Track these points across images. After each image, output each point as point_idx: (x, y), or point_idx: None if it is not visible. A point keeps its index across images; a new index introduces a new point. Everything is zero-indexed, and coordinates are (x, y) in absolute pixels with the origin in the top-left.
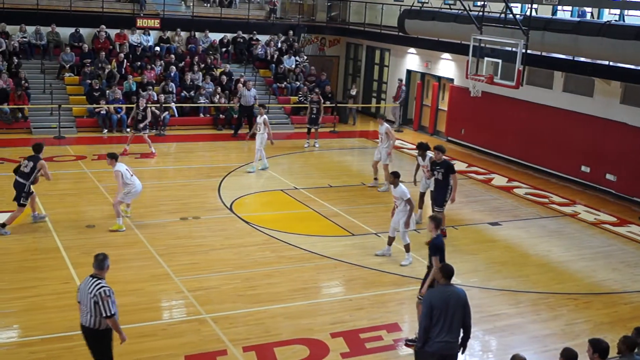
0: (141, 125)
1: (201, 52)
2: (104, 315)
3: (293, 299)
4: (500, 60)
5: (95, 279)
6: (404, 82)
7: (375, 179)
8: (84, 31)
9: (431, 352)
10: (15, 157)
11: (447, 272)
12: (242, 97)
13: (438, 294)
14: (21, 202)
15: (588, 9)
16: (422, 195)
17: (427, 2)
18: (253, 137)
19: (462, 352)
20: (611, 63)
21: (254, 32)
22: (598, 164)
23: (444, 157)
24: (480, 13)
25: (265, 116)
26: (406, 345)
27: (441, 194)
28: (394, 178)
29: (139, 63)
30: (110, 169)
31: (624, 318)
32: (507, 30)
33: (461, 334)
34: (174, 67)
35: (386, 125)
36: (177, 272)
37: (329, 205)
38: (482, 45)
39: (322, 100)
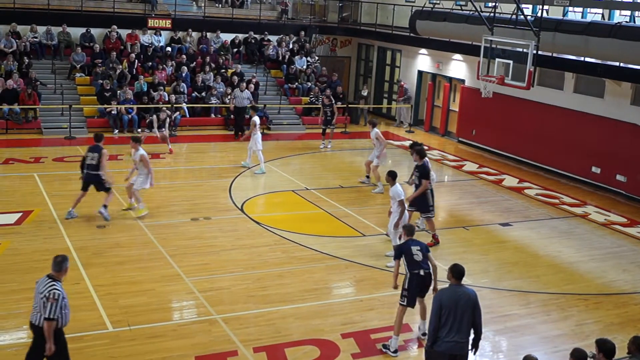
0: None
1: (213, 52)
2: (44, 316)
3: (304, 299)
4: (511, 61)
5: (50, 280)
6: (403, 81)
7: (367, 176)
8: (95, 31)
9: (441, 352)
10: (26, 157)
11: (457, 272)
12: (235, 99)
13: (448, 293)
14: (107, 187)
15: (570, 8)
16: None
17: (439, 3)
18: (248, 138)
19: (474, 353)
20: (622, 64)
21: (266, 32)
22: (608, 164)
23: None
24: (492, 14)
25: (255, 118)
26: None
27: (421, 200)
28: (390, 178)
29: (150, 63)
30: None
31: (634, 319)
32: (518, 31)
33: (472, 335)
34: (185, 68)
35: (376, 130)
36: (188, 272)
37: (340, 206)
38: (493, 46)
39: (334, 101)
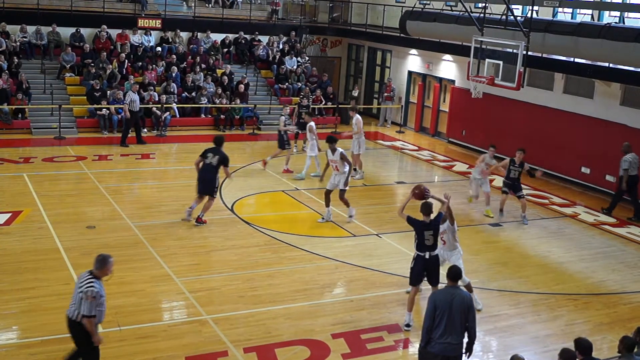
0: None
1: (203, 52)
2: (82, 313)
3: (294, 299)
4: (501, 62)
5: (90, 276)
6: (392, 81)
7: (355, 169)
8: (85, 31)
9: (434, 353)
10: (15, 157)
11: (453, 274)
12: (132, 103)
13: (443, 295)
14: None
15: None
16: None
17: (429, 4)
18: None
19: (468, 357)
20: (611, 65)
21: (256, 32)
22: (598, 165)
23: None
24: (482, 15)
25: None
26: None
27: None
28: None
29: (140, 63)
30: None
31: (623, 318)
32: (508, 31)
33: (466, 338)
34: (176, 68)
35: (357, 116)
36: (178, 273)
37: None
38: (483, 46)
39: (321, 102)
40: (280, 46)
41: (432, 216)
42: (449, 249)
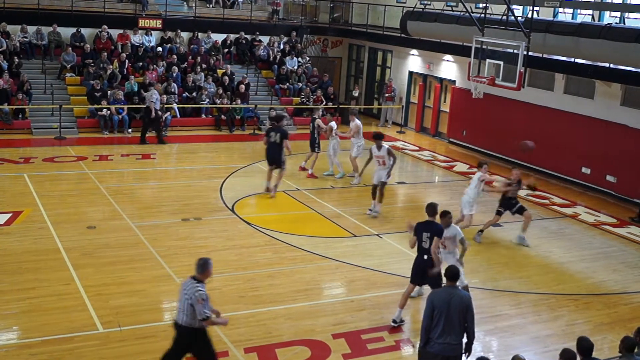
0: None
1: (203, 52)
2: (199, 318)
3: (295, 300)
4: (501, 62)
5: (195, 282)
6: (391, 81)
7: (352, 175)
8: (86, 31)
9: (434, 353)
10: (16, 157)
11: (451, 274)
12: (156, 102)
13: (441, 294)
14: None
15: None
16: (380, 186)
17: (430, 4)
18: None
19: (467, 357)
20: (612, 65)
21: (257, 33)
22: (599, 165)
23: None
24: (482, 15)
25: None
26: None
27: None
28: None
29: (141, 63)
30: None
31: (623, 319)
32: (509, 32)
33: (465, 338)
34: (176, 68)
35: (355, 121)
36: (178, 273)
37: (331, 207)
38: (484, 47)
39: (322, 102)
40: (281, 46)
41: (437, 219)
42: (449, 254)
